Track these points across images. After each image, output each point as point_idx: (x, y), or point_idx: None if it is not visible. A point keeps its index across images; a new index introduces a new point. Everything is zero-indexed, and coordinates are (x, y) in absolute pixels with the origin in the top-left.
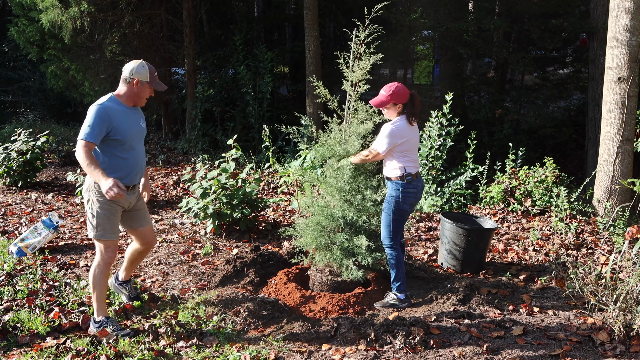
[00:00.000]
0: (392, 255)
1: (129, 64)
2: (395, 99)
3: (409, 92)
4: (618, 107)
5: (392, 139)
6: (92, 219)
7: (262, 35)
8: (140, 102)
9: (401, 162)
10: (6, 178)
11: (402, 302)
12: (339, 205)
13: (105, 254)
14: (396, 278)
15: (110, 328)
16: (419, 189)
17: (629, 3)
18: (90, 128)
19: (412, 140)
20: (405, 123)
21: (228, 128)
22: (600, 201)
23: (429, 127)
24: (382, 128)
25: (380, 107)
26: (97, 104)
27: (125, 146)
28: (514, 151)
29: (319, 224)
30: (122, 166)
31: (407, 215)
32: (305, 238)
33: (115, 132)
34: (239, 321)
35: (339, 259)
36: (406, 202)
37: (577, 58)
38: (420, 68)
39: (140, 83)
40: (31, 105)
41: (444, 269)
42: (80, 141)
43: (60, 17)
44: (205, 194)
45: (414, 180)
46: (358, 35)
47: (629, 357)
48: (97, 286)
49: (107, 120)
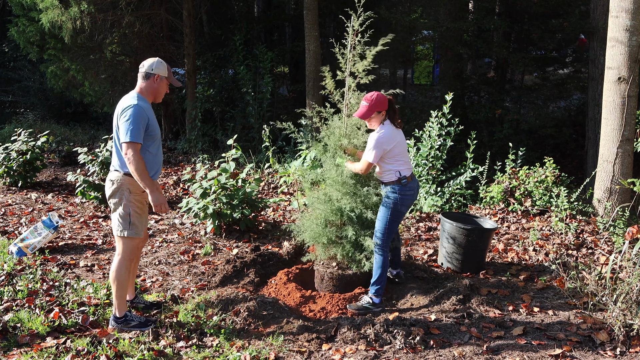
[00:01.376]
0: (380, 257)
1: (147, 61)
2: (378, 107)
3: (387, 98)
4: (618, 107)
5: (380, 147)
6: (126, 218)
7: (262, 35)
8: (158, 98)
9: (394, 166)
10: (6, 178)
11: (376, 306)
12: (345, 200)
13: (131, 251)
14: (377, 281)
15: (135, 322)
16: (415, 190)
17: (629, 3)
18: (135, 129)
19: (400, 143)
20: (391, 128)
21: (228, 128)
22: (600, 201)
23: (429, 127)
24: (369, 138)
25: (365, 119)
26: (132, 104)
27: (156, 142)
28: (514, 151)
29: (325, 219)
30: (154, 162)
31: (402, 217)
32: (312, 233)
33: (151, 128)
34: (239, 321)
35: (350, 252)
36: (403, 204)
37: (577, 58)
38: (420, 68)
39: (160, 78)
40: (31, 105)
41: (444, 269)
42: (129, 144)
43: (60, 17)
44: (205, 194)
45: (409, 183)
46: (353, 25)
47: (629, 357)
48: (121, 283)
49: (145, 118)
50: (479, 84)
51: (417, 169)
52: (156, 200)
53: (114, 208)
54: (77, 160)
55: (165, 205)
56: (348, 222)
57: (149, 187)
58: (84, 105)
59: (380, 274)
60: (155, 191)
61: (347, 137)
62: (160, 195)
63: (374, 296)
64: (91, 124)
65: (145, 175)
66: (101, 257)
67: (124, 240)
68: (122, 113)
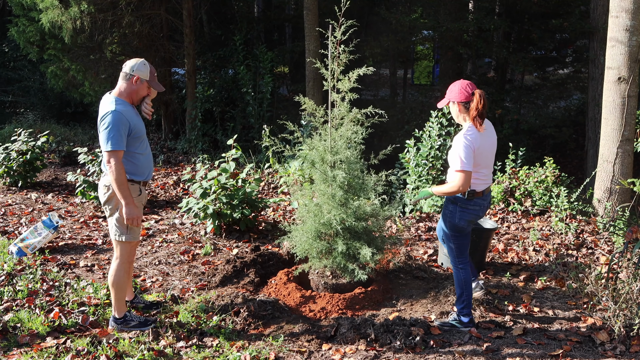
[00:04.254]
0: (456, 274)
1: (130, 61)
2: (453, 96)
3: (468, 90)
4: (618, 107)
5: (469, 148)
6: (124, 223)
7: (262, 35)
8: (136, 100)
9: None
10: (6, 178)
11: (465, 325)
12: (334, 212)
13: (129, 254)
14: (459, 299)
15: (134, 322)
16: (482, 207)
17: (629, 3)
18: (115, 136)
19: (482, 150)
20: (474, 129)
21: (228, 128)
22: (600, 201)
23: (429, 127)
24: (454, 141)
25: (441, 106)
26: (110, 111)
27: (143, 142)
28: (514, 151)
29: (316, 230)
30: (146, 161)
31: (465, 232)
32: (303, 245)
33: (134, 130)
34: (239, 321)
35: (342, 263)
36: (463, 218)
37: (577, 58)
38: (420, 68)
39: (139, 80)
40: (31, 105)
41: (444, 269)
42: (110, 153)
43: (60, 17)
44: (205, 194)
45: (476, 198)
46: (335, 35)
47: (629, 357)
48: (120, 286)
49: (125, 123)
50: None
51: (417, 169)
52: (129, 214)
53: (110, 213)
54: (77, 160)
55: (139, 220)
56: (339, 234)
57: (125, 200)
58: (84, 105)
59: (461, 291)
60: (131, 204)
61: (331, 153)
62: (135, 209)
63: (461, 315)
64: (91, 124)
65: (124, 187)
66: (101, 257)
67: (122, 244)
68: (101, 121)
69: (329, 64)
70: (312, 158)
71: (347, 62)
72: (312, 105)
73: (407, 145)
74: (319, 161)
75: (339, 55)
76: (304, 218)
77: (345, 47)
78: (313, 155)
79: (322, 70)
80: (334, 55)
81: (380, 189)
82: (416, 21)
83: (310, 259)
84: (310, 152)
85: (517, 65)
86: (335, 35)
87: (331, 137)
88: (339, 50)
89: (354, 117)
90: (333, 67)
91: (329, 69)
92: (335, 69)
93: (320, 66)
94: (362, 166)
